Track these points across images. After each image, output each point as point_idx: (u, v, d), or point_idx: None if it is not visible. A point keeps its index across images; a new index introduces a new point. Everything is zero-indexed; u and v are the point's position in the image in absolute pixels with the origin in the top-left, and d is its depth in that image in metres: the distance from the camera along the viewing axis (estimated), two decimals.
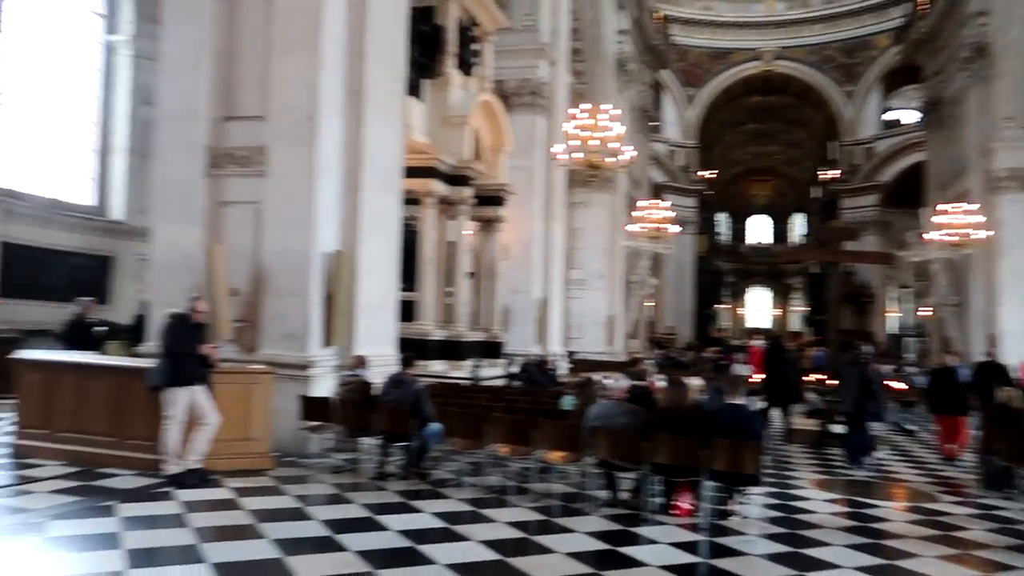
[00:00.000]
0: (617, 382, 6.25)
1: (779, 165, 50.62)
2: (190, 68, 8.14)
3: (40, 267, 13.08)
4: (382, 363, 8.16)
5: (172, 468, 6.35)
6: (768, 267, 51.12)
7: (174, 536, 5.09)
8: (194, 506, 5.81)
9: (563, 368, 15.46)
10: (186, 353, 6.44)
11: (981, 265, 20.80)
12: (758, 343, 27.50)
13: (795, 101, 41.10)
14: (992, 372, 11.35)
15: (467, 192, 11.97)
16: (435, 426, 6.95)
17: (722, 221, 53.24)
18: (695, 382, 10.71)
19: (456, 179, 11.90)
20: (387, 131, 8.97)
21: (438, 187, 11.55)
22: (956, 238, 17.54)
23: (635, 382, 7.69)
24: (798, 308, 48.86)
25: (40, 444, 7.02)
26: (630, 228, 21.48)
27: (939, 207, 19.50)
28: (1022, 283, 19.96)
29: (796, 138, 45.68)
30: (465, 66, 13.12)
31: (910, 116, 35.72)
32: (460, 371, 11.36)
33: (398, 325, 9.30)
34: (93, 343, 9.38)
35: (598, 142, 11.94)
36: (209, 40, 8.11)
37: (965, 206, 18.73)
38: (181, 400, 6.35)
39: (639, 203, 22.13)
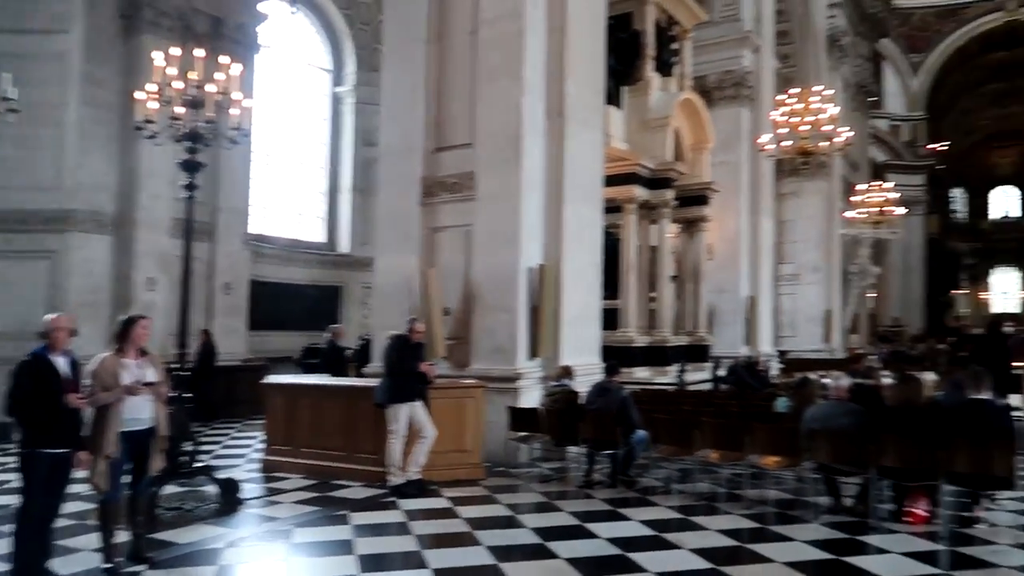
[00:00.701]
0: (837, 381, 5.96)
1: None
2: (407, 107, 8.85)
3: (281, 301, 14.84)
4: (587, 372, 8.35)
5: (395, 479, 6.85)
6: (1016, 244, 45.35)
7: (399, 543, 5.53)
8: (415, 515, 6.26)
9: (775, 369, 14.83)
10: (406, 372, 6.91)
11: None
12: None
13: None
14: None
15: (669, 194, 11.87)
16: (641, 433, 7.00)
17: (957, 197, 48.05)
18: (929, 377, 9.87)
19: (657, 182, 11.84)
20: (587, 145, 9.17)
21: (639, 192, 11.57)
22: None
23: (858, 380, 7.29)
24: None
25: (284, 459, 7.81)
26: (848, 215, 20.04)
27: None
28: None
29: None
30: (664, 67, 13.01)
31: None
32: (665, 376, 11.30)
33: (601, 334, 9.45)
34: (344, 366, 10.27)
35: (809, 127, 11.32)
36: (423, 80, 8.76)
37: None
38: (403, 416, 6.84)
39: (857, 187, 20.56)
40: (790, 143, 11.88)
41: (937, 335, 31.97)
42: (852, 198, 20.01)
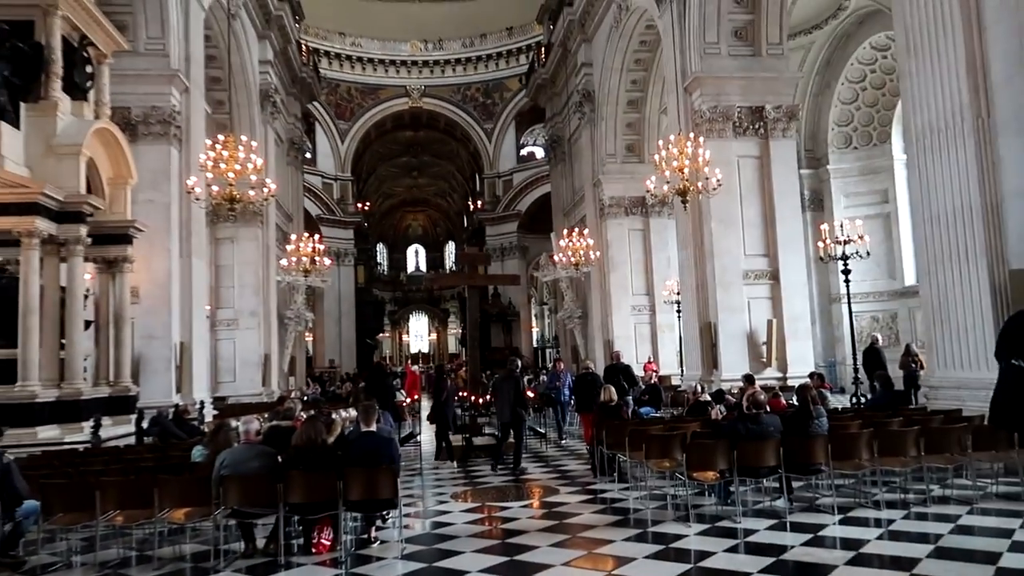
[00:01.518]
0: (247, 424, 5.97)
1: (431, 197, 53.60)
2: None
3: None
4: None
5: None
6: (425, 294, 53.68)
7: None
8: None
9: (210, 416, 14.49)
10: None
11: (597, 282, 24.10)
12: (415, 367, 28.71)
13: (443, 136, 43.85)
14: (619, 373, 13.28)
15: (82, 230, 10.65)
16: (29, 504, 5.97)
17: (381, 252, 54.69)
18: (350, 414, 10.76)
19: (67, 215, 10.53)
20: None
21: (43, 225, 10.12)
22: (575, 259, 20.03)
23: (279, 422, 7.49)
24: (455, 330, 51.86)
25: None
26: (283, 263, 20.96)
27: (563, 232, 22.18)
28: (627, 295, 23.57)
29: (445, 171, 48.73)
30: (76, 90, 11.76)
31: (541, 152, 40.19)
32: (81, 434, 10.01)
33: None
34: None
35: (234, 175, 11.47)
36: None
37: (584, 231, 21.54)
38: None
39: (291, 237, 21.70)
40: (217, 188, 11.86)
41: (362, 375, 35.52)
42: (287, 247, 20.99)
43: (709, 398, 9.67)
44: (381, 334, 49.09)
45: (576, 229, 21.57)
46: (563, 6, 26.07)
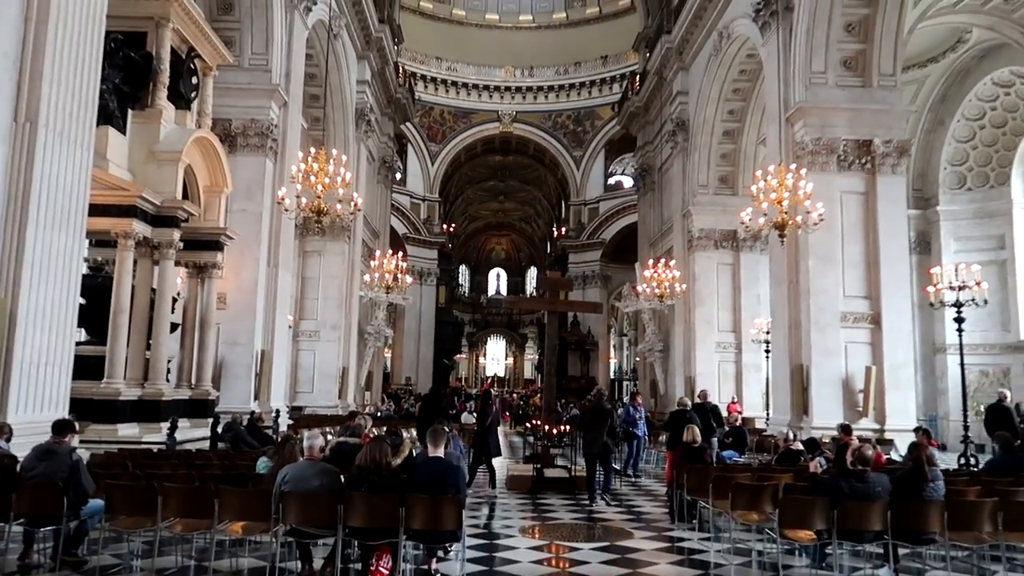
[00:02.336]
0: (311, 440, 5.75)
1: (516, 221, 53.65)
2: None
3: None
4: (40, 431, 6.90)
5: None
6: (504, 317, 53.60)
7: None
8: None
9: (284, 425, 14.56)
10: None
11: (681, 315, 23.34)
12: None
13: (531, 162, 43.88)
14: (706, 413, 12.61)
15: (175, 234, 10.89)
16: (95, 503, 5.92)
17: (463, 273, 55.03)
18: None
19: (163, 219, 10.78)
20: (67, 163, 7.85)
21: (139, 228, 10.37)
22: (660, 291, 19.42)
23: (346, 438, 7.28)
24: (532, 356, 51.50)
25: None
26: (366, 278, 21.14)
27: (648, 262, 21.59)
28: (712, 330, 22.70)
29: (531, 196, 48.72)
30: (181, 99, 12.12)
31: (629, 181, 39.65)
32: (159, 434, 10.13)
33: (68, 383, 8.00)
34: None
35: (322, 188, 11.53)
36: None
37: (670, 262, 20.89)
38: None
39: (376, 253, 21.89)
40: (306, 200, 11.96)
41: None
42: (371, 262, 21.18)
43: (801, 446, 8.97)
44: (458, 355, 49.18)
45: (662, 260, 20.96)
46: (661, 34, 25.68)
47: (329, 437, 5.78)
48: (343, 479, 5.62)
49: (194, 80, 12.48)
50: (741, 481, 6.90)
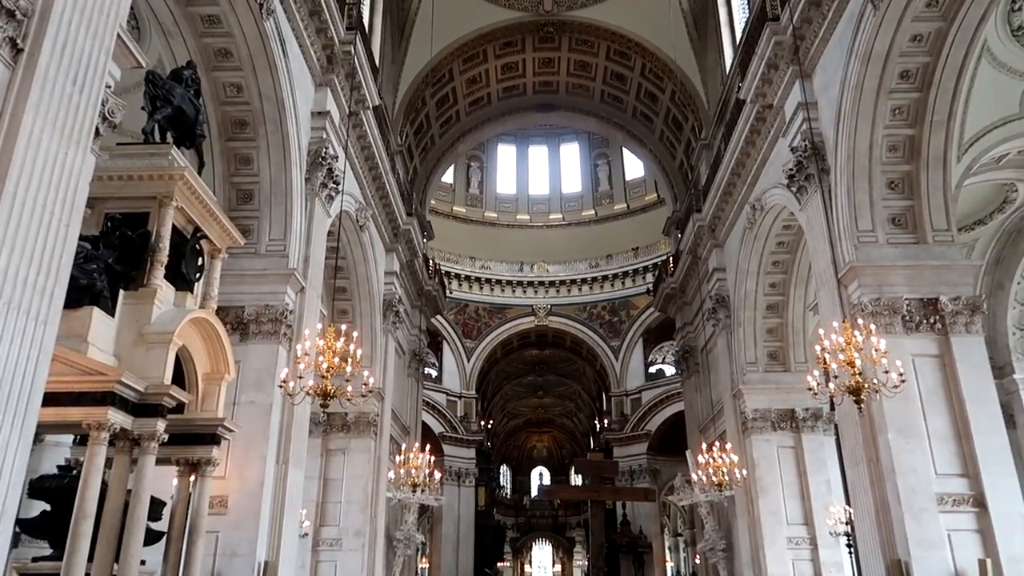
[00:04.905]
0: None
1: (556, 417, 51.91)
2: None
3: None
4: None
5: None
6: (549, 520, 50.22)
7: None
8: None
9: None
10: None
11: (743, 507, 20.82)
12: None
13: (568, 355, 43.03)
14: None
15: (159, 425, 9.53)
16: None
17: (504, 474, 52.47)
18: None
19: (146, 408, 9.53)
20: (21, 339, 6.76)
21: (117, 418, 9.07)
22: (716, 479, 17.30)
23: None
24: (580, 562, 47.41)
25: None
26: (390, 475, 19.37)
27: (701, 447, 19.58)
28: (781, 524, 20.05)
29: (571, 390, 47.38)
30: (183, 281, 11.32)
31: (671, 369, 38.23)
32: None
33: None
34: None
35: (328, 366, 10.35)
36: None
37: (724, 445, 18.87)
38: None
39: (402, 447, 20.27)
40: (312, 383, 10.76)
41: None
42: (397, 458, 19.53)
43: None
44: (501, 562, 45.39)
45: (716, 443, 18.96)
46: (691, 213, 25.37)
47: None
48: None
49: (199, 261, 11.76)
50: None
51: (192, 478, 11.07)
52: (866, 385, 10.32)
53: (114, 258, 10.04)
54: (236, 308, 14.38)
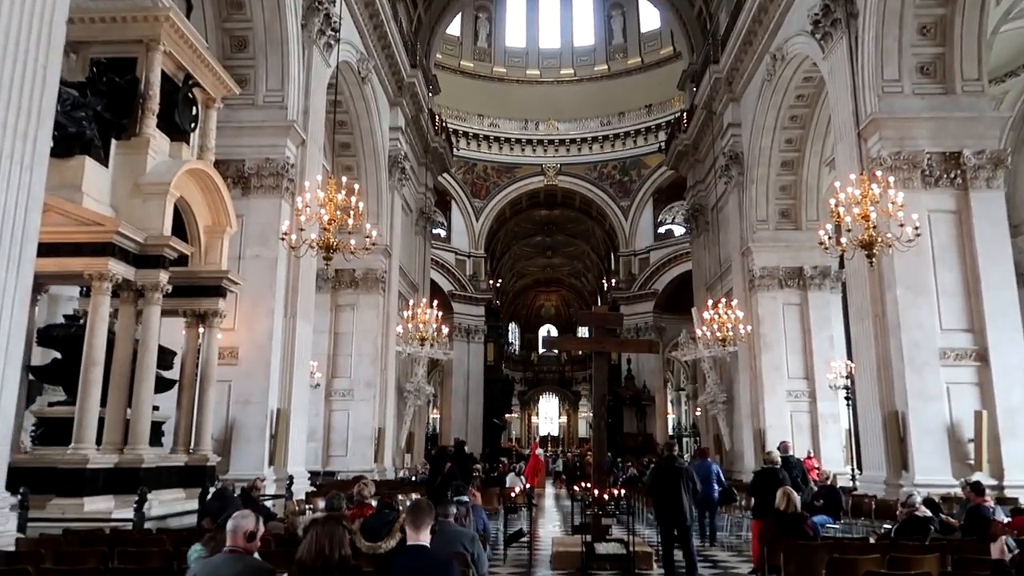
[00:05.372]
0: (238, 521, 3.95)
1: (565, 276, 52.18)
2: None
3: None
4: None
5: None
6: (556, 375, 51.67)
7: None
8: None
9: (302, 494, 12.92)
10: None
11: (746, 362, 21.18)
12: (540, 451, 26.45)
13: (578, 214, 42.58)
14: (792, 470, 10.50)
15: (162, 276, 9.51)
16: None
17: (513, 331, 53.47)
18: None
19: (147, 260, 9.46)
20: (8, 184, 6.54)
21: (118, 268, 9.03)
22: (721, 335, 17.46)
23: (322, 514, 5.58)
24: (586, 414, 49.24)
25: None
26: (399, 330, 19.66)
27: (707, 304, 19.66)
28: (782, 378, 20.45)
29: (579, 250, 47.31)
30: (178, 131, 10.96)
31: (680, 229, 37.96)
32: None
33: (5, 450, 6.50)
34: None
35: (330, 218, 10.15)
36: None
37: (731, 302, 18.93)
38: None
39: (411, 303, 20.46)
40: (314, 236, 10.59)
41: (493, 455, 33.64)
42: (404, 313, 19.76)
43: (929, 513, 6.90)
44: (509, 414, 47.18)
45: (723, 301, 19.01)
46: (708, 65, 24.23)
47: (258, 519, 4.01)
48: None
49: (193, 110, 11.35)
50: (872, 571, 4.83)
51: (200, 329, 11.20)
52: (879, 239, 10.07)
53: (103, 105, 9.67)
54: (236, 162, 14.06)
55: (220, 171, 13.67)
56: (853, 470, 18.50)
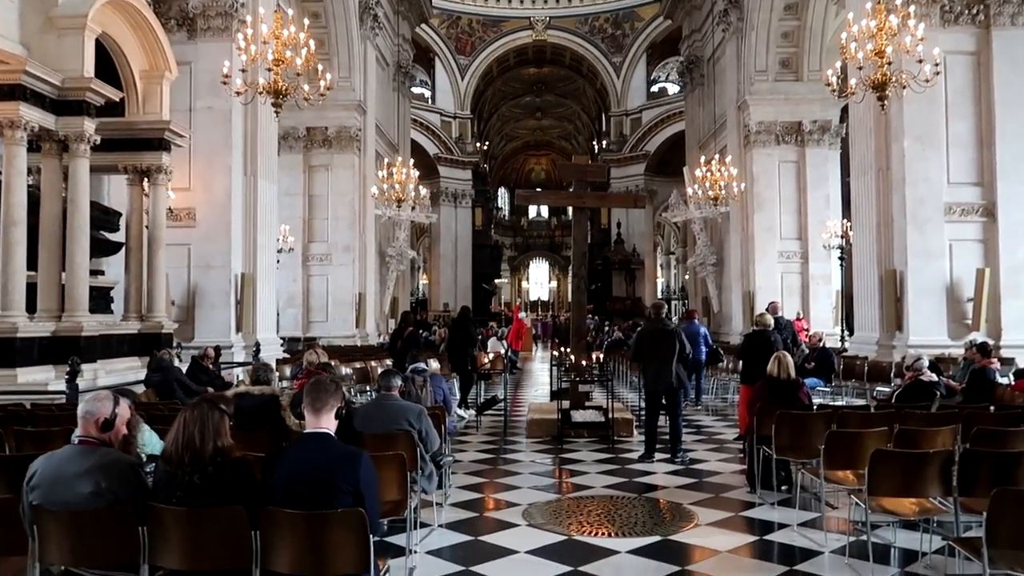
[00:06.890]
0: (93, 405, 3.03)
1: (555, 139, 50.52)
2: None
3: None
4: None
5: None
6: (546, 240, 51.11)
7: None
8: None
9: (273, 360, 12.38)
10: None
11: (738, 223, 20.41)
12: (523, 314, 26.11)
13: (568, 72, 40.47)
14: (782, 332, 9.94)
15: (87, 125, 8.43)
16: None
17: (502, 196, 52.34)
18: (435, 365, 8.20)
19: (68, 106, 8.34)
20: None
21: (32, 115, 7.92)
22: (713, 193, 16.55)
23: (251, 388, 4.87)
24: None
25: None
26: (374, 191, 18.64)
27: (700, 162, 18.62)
28: (774, 239, 19.75)
29: (570, 111, 45.51)
30: None
31: (674, 88, 36.13)
32: (80, 379, 7.89)
33: None
34: None
35: (277, 60, 8.95)
36: None
37: (724, 159, 17.90)
38: None
39: (388, 162, 19.32)
40: (263, 81, 9.40)
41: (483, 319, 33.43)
42: (380, 173, 18.67)
43: (935, 377, 6.29)
44: (498, 279, 46.92)
45: (716, 158, 17.95)
46: None
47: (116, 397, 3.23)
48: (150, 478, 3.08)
49: None
50: (880, 447, 4.12)
51: (145, 187, 10.22)
52: (893, 79, 9.00)
53: None
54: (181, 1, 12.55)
55: (162, 11, 12.27)
56: (843, 331, 18.15)
